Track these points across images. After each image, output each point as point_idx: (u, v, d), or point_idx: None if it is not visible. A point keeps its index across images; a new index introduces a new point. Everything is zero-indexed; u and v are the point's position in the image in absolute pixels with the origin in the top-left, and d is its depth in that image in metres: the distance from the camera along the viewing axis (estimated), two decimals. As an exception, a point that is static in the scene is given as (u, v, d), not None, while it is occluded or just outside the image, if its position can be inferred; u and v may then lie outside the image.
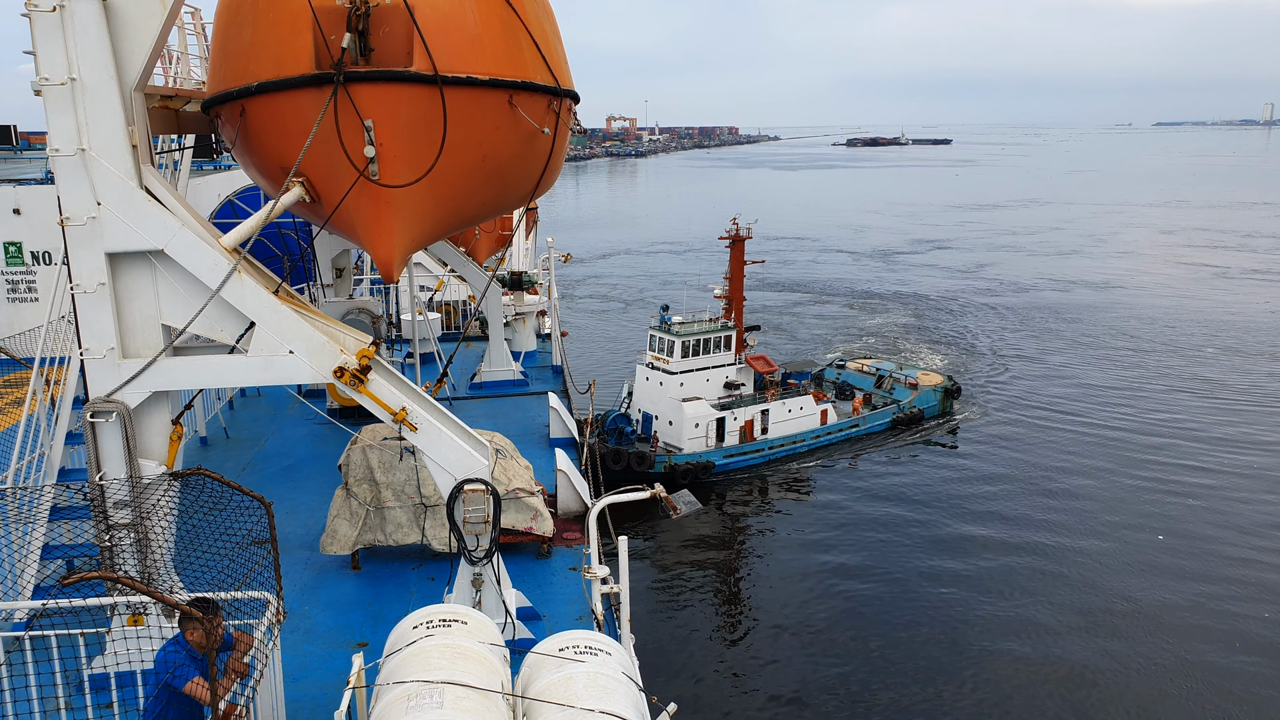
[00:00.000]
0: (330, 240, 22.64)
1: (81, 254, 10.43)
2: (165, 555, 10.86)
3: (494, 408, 23.58)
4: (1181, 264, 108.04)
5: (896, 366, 56.78)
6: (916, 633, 30.82)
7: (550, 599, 13.95)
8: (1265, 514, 39.51)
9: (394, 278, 11.81)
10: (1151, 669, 28.59)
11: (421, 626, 8.93)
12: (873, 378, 55.26)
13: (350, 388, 11.01)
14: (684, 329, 45.98)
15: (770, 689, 28.02)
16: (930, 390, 52.68)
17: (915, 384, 53.14)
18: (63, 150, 10.13)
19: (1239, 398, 56.09)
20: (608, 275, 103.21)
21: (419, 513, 14.93)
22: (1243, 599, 32.62)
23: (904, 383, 53.70)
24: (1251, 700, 26.93)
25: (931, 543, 37.30)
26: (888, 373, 55.14)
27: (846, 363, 58.38)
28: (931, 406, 52.38)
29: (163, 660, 8.47)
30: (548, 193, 15.92)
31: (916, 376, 54.13)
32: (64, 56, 9.94)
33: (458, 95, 11.09)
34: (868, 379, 55.37)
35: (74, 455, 14.17)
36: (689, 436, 44.60)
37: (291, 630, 12.57)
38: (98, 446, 10.79)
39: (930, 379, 53.93)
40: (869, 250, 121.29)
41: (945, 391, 53.17)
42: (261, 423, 22.51)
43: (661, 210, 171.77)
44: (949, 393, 53.44)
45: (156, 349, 10.86)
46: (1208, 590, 33.21)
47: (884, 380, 54.55)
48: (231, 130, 12.35)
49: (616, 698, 8.05)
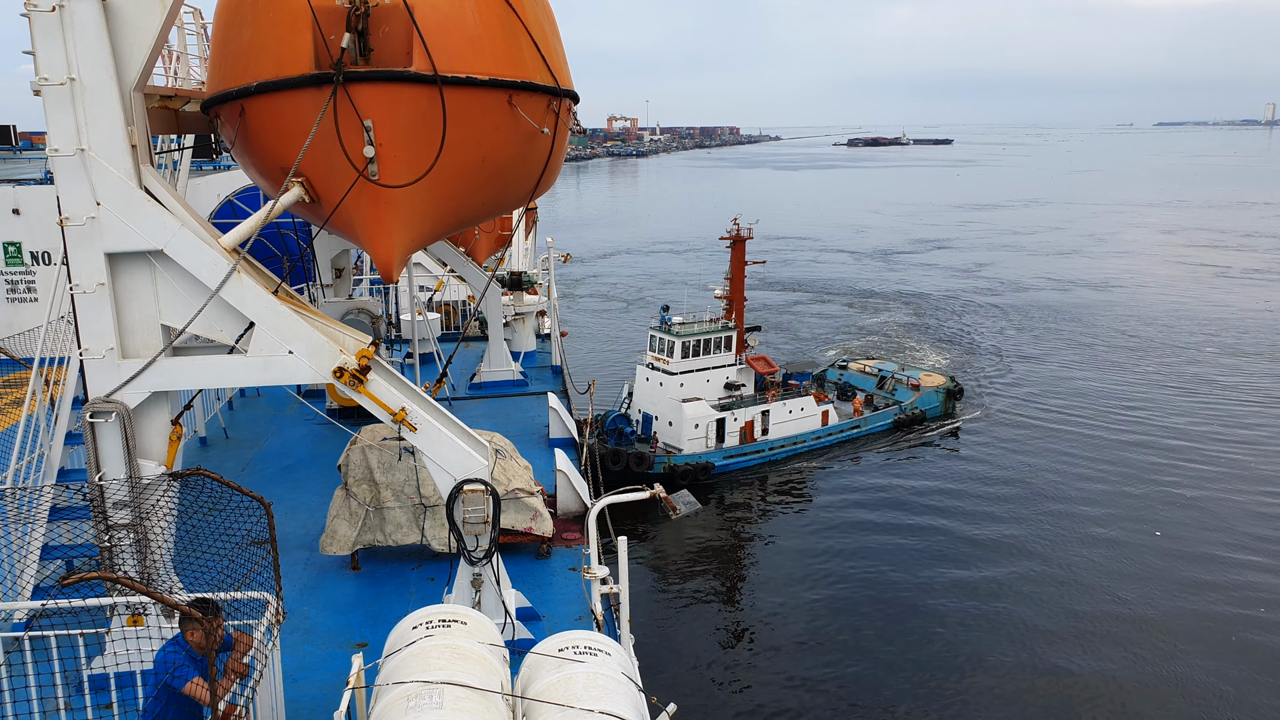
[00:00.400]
0: (330, 240, 22.63)
1: (81, 254, 10.42)
2: (165, 555, 10.86)
3: (493, 408, 23.57)
4: (1182, 263, 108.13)
5: (899, 367, 56.55)
6: (914, 633, 30.81)
7: (550, 599, 13.95)
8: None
9: (393, 278, 11.81)
10: (1151, 678, 28.42)
11: (421, 627, 8.92)
12: (875, 379, 55.00)
13: (350, 388, 11.01)
14: (684, 329, 45.88)
15: (770, 690, 28.01)
16: (932, 391, 52.45)
17: (917, 385, 52.91)
18: (62, 150, 10.13)
19: (1245, 399, 55.68)
20: (609, 274, 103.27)
21: (418, 513, 14.92)
22: (1250, 603, 32.41)
23: (906, 384, 53.48)
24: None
25: (929, 544, 37.21)
26: (890, 374, 54.93)
27: (849, 363, 58.14)
28: (933, 408, 52.21)
29: (162, 661, 8.47)
30: (549, 193, 15.92)
31: (919, 377, 53.90)
32: (63, 56, 9.94)
33: (457, 95, 11.08)
34: (870, 380, 55.14)
35: (73, 455, 14.16)
36: (689, 437, 44.54)
37: (291, 630, 12.57)
38: (97, 447, 10.78)
39: (932, 380, 53.71)
40: (869, 249, 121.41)
41: (947, 393, 52.97)
42: (261, 423, 22.51)
43: (662, 210, 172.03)
44: (951, 394, 53.23)
45: (156, 349, 10.86)
46: (1215, 596, 32.99)
47: (886, 381, 54.33)
48: (231, 130, 12.35)
49: (616, 698, 8.05)
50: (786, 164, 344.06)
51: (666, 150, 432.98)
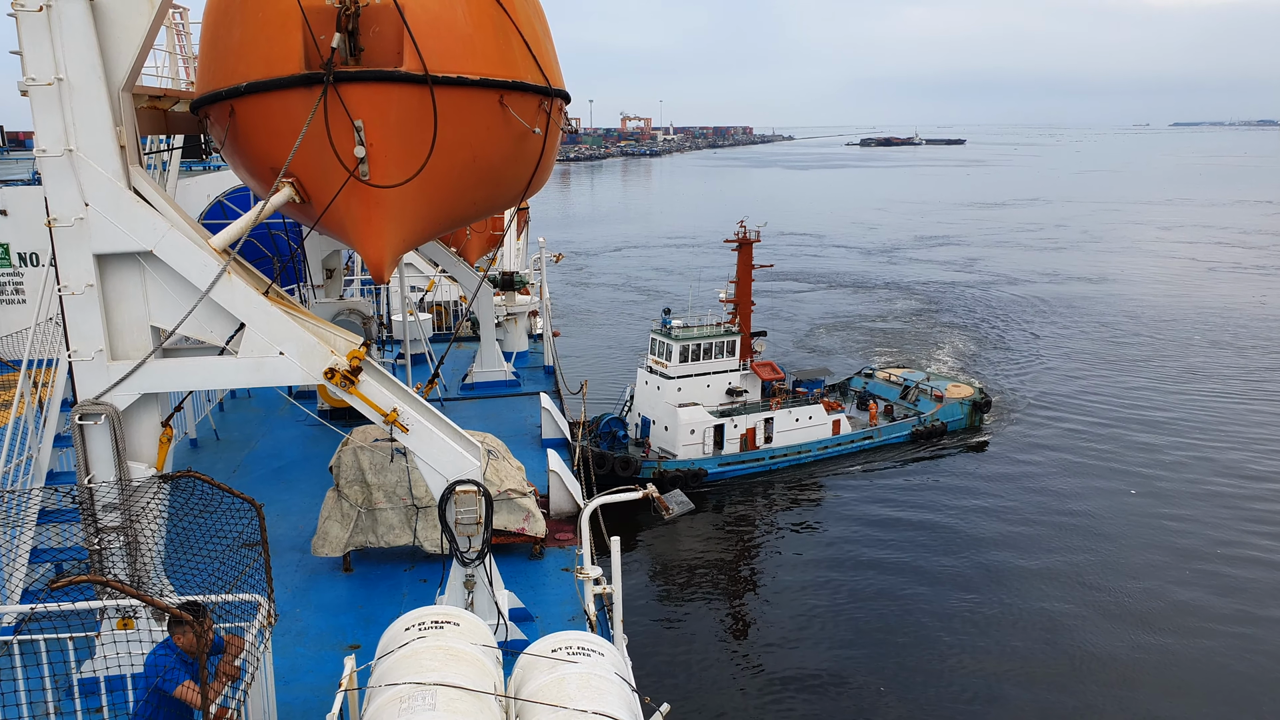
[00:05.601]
0: (320, 241, 22.54)
1: (69, 255, 10.35)
2: (155, 558, 10.80)
3: (486, 409, 23.52)
4: (1175, 259, 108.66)
5: (925, 377, 54.20)
6: (902, 636, 30.91)
7: (543, 600, 13.92)
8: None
9: (385, 278, 11.77)
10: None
11: (414, 628, 8.90)
12: (899, 388, 52.86)
13: (341, 389, 10.97)
14: (684, 333, 45.12)
15: (763, 689, 28.06)
16: (957, 403, 50.14)
17: (941, 396, 50.63)
18: (50, 151, 10.05)
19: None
20: (620, 270, 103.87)
21: (411, 514, 14.87)
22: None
23: (930, 394, 51.23)
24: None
25: (924, 562, 36.25)
26: (914, 383, 52.63)
27: (875, 372, 56.04)
28: (956, 420, 49.99)
29: (153, 664, 8.42)
30: (562, 191, 15.85)
31: (945, 388, 51.41)
32: (51, 57, 9.87)
33: (448, 95, 11.05)
34: (894, 389, 53.02)
35: (62, 458, 14.08)
36: (684, 443, 43.75)
37: (283, 633, 12.51)
38: (86, 449, 10.70)
39: (960, 391, 51.26)
40: (877, 246, 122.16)
41: (974, 405, 50.52)
42: (252, 424, 22.41)
43: (673, 208, 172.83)
44: (978, 406, 50.78)
45: (145, 351, 10.79)
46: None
47: (909, 391, 52.17)
48: (220, 131, 12.29)
49: (609, 698, 8.04)
50: (798, 164, 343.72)
51: (680, 150, 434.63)
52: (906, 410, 51.08)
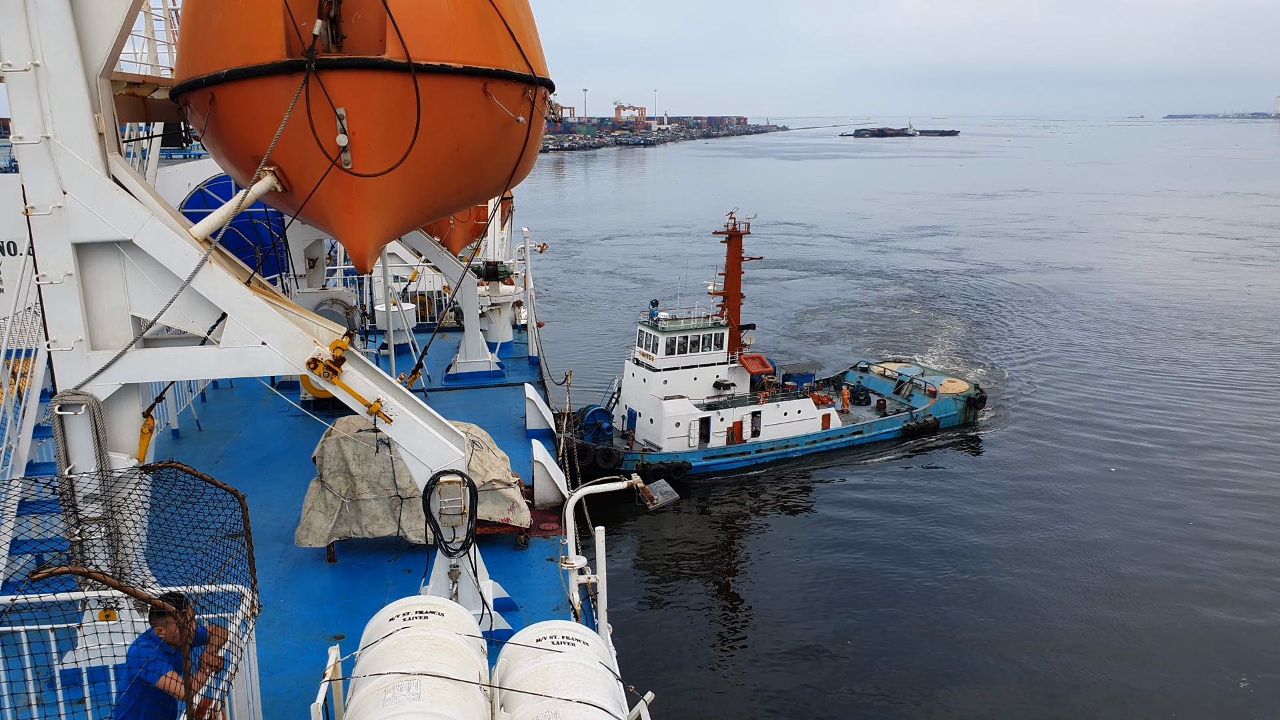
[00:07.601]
0: (303, 230, 22.40)
1: (47, 244, 10.24)
2: (137, 549, 10.74)
3: (470, 399, 23.48)
4: (1160, 249, 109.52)
5: (920, 372, 53.50)
6: (894, 625, 31.13)
7: (527, 590, 13.96)
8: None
9: (368, 268, 11.70)
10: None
11: (398, 619, 8.90)
12: (894, 383, 52.50)
13: (324, 379, 10.92)
14: (670, 325, 44.91)
15: (747, 677, 28.23)
16: (950, 399, 49.65)
17: (935, 391, 50.32)
18: (27, 138, 9.93)
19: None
20: (611, 257, 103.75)
21: (395, 505, 14.86)
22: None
23: (924, 389, 50.67)
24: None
25: (908, 554, 35.96)
26: (909, 378, 52.26)
27: (870, 366, 55.45)
28: (950, 416, 49.54)
29: (135, 655, 8.38)
30: (556, 179, 15.80)
31: (941, 383, 51.02)
32: (27, 42, 9.74)
33: (431, 83, 10.98)
34: (889, 384, 52.67)
35: (42, 449, 13.96)
36: (669, 436, 43.62)
37: (267, 623, 12.49)
38: (66, 440, 10.62)
39: (954, 386, 50.61)
40: (870, 237, 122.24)
41: (968, 400, 50.04)
42: (234, 415, 22.30)
43: (667, 197, 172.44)
44: (972, 402, 50.25)
45: (126, 341, 10.70)
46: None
47: (904, 386, 51.86)
48: (201, 118, 12.17)
49: (594, 687, 8.07)
50: (791, 154, 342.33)
51: (674, 140, 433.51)
52: (900, 405, 50.78)
